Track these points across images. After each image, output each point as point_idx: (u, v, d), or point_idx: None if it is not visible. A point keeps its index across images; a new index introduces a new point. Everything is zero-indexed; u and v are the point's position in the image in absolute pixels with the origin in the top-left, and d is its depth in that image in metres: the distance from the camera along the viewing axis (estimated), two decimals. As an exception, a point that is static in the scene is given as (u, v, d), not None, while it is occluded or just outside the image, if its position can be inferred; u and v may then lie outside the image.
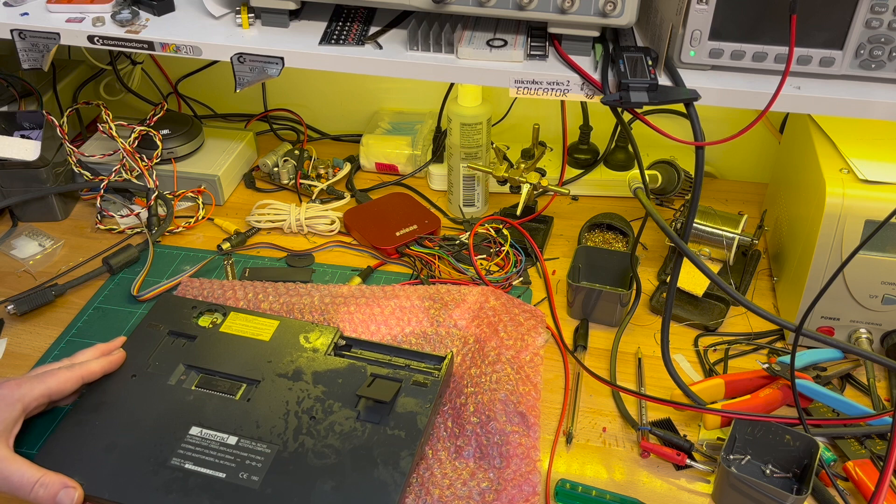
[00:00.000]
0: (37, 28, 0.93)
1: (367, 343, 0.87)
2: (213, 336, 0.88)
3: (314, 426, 0.77)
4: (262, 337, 0.87)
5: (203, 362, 0.85)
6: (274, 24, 0.92)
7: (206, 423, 0.78)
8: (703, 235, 0.98)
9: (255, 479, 0.73)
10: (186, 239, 1.13)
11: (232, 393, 0.82)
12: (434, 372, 0.82)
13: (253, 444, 0.76)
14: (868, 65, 0.78)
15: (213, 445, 0.76)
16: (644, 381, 0.91)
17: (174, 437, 0.77)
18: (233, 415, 0.79)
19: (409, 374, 0.82)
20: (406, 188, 1.24)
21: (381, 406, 0.78)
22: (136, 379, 0.83)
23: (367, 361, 0.84)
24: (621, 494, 0.77)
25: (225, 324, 0.89)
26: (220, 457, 0.75)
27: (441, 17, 0.88)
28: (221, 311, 0.90)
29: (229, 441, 0.76)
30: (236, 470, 0.74)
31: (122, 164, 1.15)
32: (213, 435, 0.77)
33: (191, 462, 0.75)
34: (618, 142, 1.22)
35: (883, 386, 0.90)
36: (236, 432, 0.77)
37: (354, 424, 0.77)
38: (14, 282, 1.04)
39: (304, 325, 0.89)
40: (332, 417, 0.78)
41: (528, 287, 1.03)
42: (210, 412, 0.79)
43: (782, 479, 0.78)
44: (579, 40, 0.85)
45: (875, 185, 0.84)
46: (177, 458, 0.75)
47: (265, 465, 0.74)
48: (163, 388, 0.82)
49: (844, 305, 0.89)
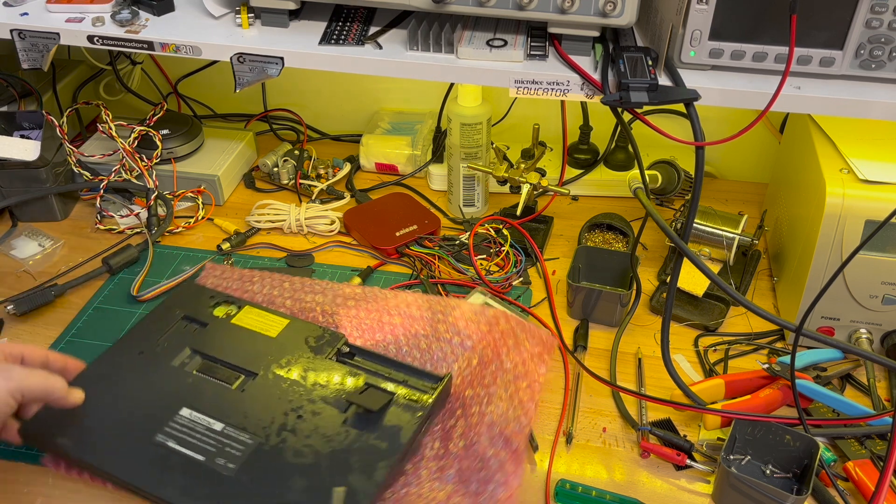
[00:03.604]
0: (37, 28, 0.93)
1: (370, 353, 0.86)
2: (223, 326, 0.90)
3: (299, 425, 0.78)
4: (269, 333, 0.88)
5: (208, 349, 0.87)
6: (274, 24, 0.92)
7: (198, 406, 0.80)
8: (703, 235, 0.98)
9: (231, 466, 0.74)
10: (186, 239, 1.13)
11: (229, 382, 0.83)
12: (430, 390, 0.81)
13: (237, 433, 0.77)
14: (868, 65, 0.78)
15: (198, 428, 0.78)
16: (644, 381, 0.91)
17: (165, 415, 0.79)
18: (224, 402, 0.81)
19: (405, 389, 0.81)
20: (406, 188, 1.24)
21: (369, 415, 0.78)
22: (143, 356, 0.85)
23: (367, 371, 0.83)
24: (621, 495, 0.77)
25: (238, 316, 0.91)
26: (203, 440, 0.76)
27: (441, 17, 0.88)
28: (237, 304, 0.92)
29: (215, 427, 0.78)
30: (215, 455, 0.75)
31: (122, 164, 1.15)
32: (202, 419, 0.78)
33: (174, 441, 0.76)
34: (618, 142, 1.22)
35: (883, 386, 0.90)
36: (223, 419, 0.78)
37: (339, 429, 0.77)
38: (14, 282, 1.04)
39: (312, 327, 0.89)
40: (318, 419, 0.78)
41: (528, 287, 1.03)
42: (203, 397, 0.81)
43: (782, 480, 0.78)
44: (579, 40, 0.85)
45: (875, 185, 0.84)
46: (162, 435, 0.77)
47: (244, 455, 0.75)
48: (165, 368, 0.84)
49: (844, 305, 0.89)
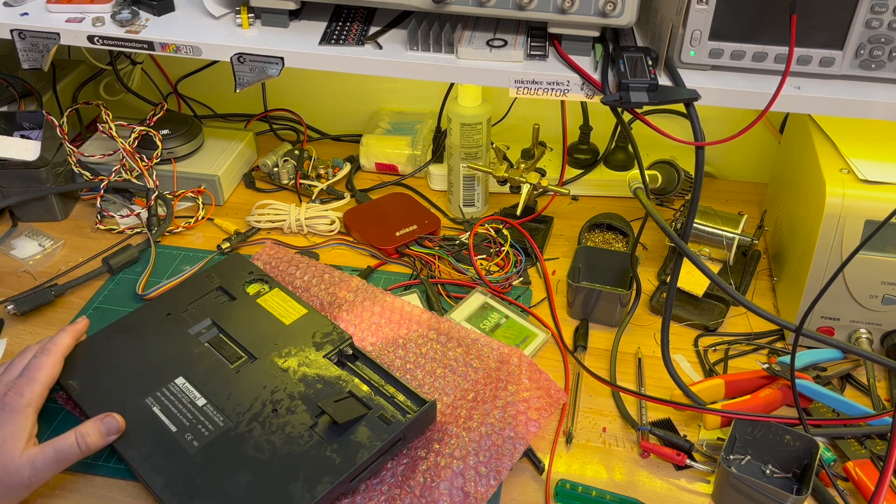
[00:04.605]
0: (37, 28, 0.93)
1: (371, 362, 0.84)
2: (248, 303, 0.92)
3: (271, 419, 0.78)
4: (284, 320, 0.89)
5: (225, 324, 0.89)
6: (274, 24, 0.92)
7: (192, 378, 0.82)
8: (703, 235, 0.98)
9: (195, 444, 0.75)
10: (186, 239, 1.13)
11: (231, 360, 0.85)
12: (412, 411, 0.77)
13: (213, 413, 0.78)
14: (868, 65, 0.78)
15: (183, 400, 0.80)
16: (644, 381, 0.91)
17: (162, 380, 0.82)
18: (217, 380, 0.82)
19: (389, 405, 0.78)
20: (406, 188, 1.24)
21: (337, 426, 0.76)
22: (169, 317, 0.90)
23: (360, 377, 0.82)
24: (621, 494, 0.77)
25: (265, 296, 0.92)
26: (183, 412, 0.79)
27: (441, 17, 0.88)
28: (270, 284, 0.94)
29: (198, 402, 0.80)
30: (186, 430, 0.77)
31: (122, 164, 1.15)
32: (190, 391, 0.81)
33: (158, 407, 0.79)
34: (618, 142, 1.22)
35: (883, 386, 0.90)
36: (208, 396, 0.80)
37: (303, 432, 0.76)
38: (14, 282, 1.04)
39: (324, 322, 0.89)
40: (290, 417, 0.78)
41: (528, 287, 1.03)
42: (201, 370, 0.83)
43: (782, 480, 0.78)
44: (579, 40, 0.85)
45: (875, 185, 0.84)
46: (151, 399, 0.80)
47: (210, 436, 0.76)
48: (181, 334, 0.88)
49: (844, 305, 0.89)
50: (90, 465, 0.79)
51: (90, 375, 0.84)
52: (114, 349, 0.87)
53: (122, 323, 0.90)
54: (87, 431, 0.75)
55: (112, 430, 0.76)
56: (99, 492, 0.78)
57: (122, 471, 0.79)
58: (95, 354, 0.86)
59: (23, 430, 0.73)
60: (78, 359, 0.85)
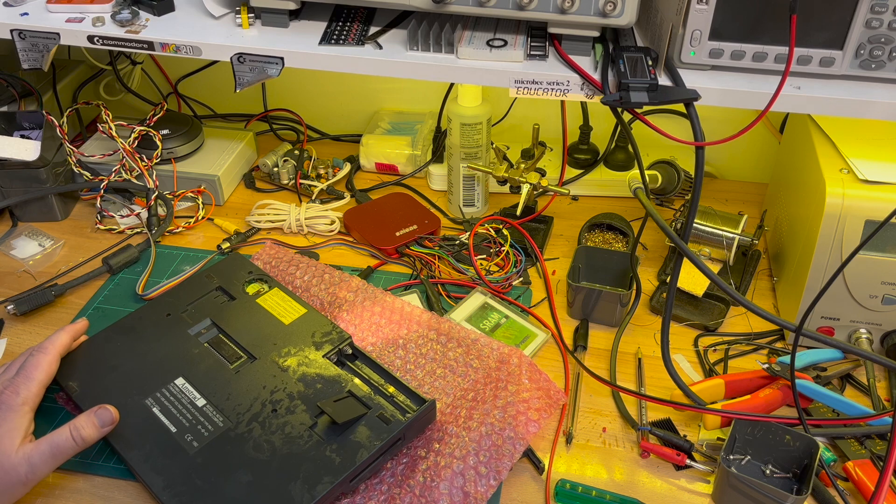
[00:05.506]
0: (37, 28, 0.93)
1: (371, 361, 0.84)
2: (247, 303, 0.92)
3: (270, 419, 0.78)
4: (284, 319, 0.89)
5: (225, 324, 0.89)
6: (274, 24, 0.92)
7: (192, 378, 0.82)
8: (703, 235, 0.98)
9: (195, 444, 0.76)
10: (186, 239, 1.13)
11: (230, 360, 0.85)
12: (412, 411, 0.77)
13: (213, 413, 0.79)
14: (868, 65, 0.78)
15: (183, 400, 0.80)
16: (644, 381, 0.91)
17: (162, 380, 0.82)
18: (216, 380, 0.82)
19: (388, 405, 0.78)
20: (406, 188, 1.24)
21: (336, 425, 0.76)
22: (169, 318, 0.90)
23: (360, 377, 0.82)
24: (621, 494, 0.77)
25: (264, 296, 0.92)
26: (183, 413, 0.79)
27: (441, 17, 0.88)
28: (269, 284, 0.94)
29: (198, 402, 0.80)
30: (186, 430, 0.77)
31: (122, 164, 1.15)
32: (190, 391, 0.81)
33: (158, 407, 0.79)
34: (618, 142, 1.22)
35: (883, 386, 0.90)
36: (208, 396, 0.80)
37: (303, 432, 0.76)
38: (14, 282, 1.04)
39: (324, 322, 0.89)
40: (289, 417, 0.78)
41: (528, 287, 1.03)
42: (200, 371, 0.83)
43: (782, 479, 0.78)
44: (579, 40, 0.85)
45: (875, 185, 0.84)
46: (151, 400, 0.81)
47: (210, 437, 0.76)
48: (181, 334, 0.88)
49: (844, 305, 0.89)
50: (90, 465, 0.80)
51: (90, 376, 0.84)
52: (113, 350, 0.87)
53: (121, 323, 0.90)
54: (81, 424, 0.75)
55: (106, 422, 0.76)
56: (99, 492, 0.78)
57: (122, 471, 0.79)
58: (95, 355, 0.86)
59: (19, 428, 0.73)
60: (78, 359, 0.85)
